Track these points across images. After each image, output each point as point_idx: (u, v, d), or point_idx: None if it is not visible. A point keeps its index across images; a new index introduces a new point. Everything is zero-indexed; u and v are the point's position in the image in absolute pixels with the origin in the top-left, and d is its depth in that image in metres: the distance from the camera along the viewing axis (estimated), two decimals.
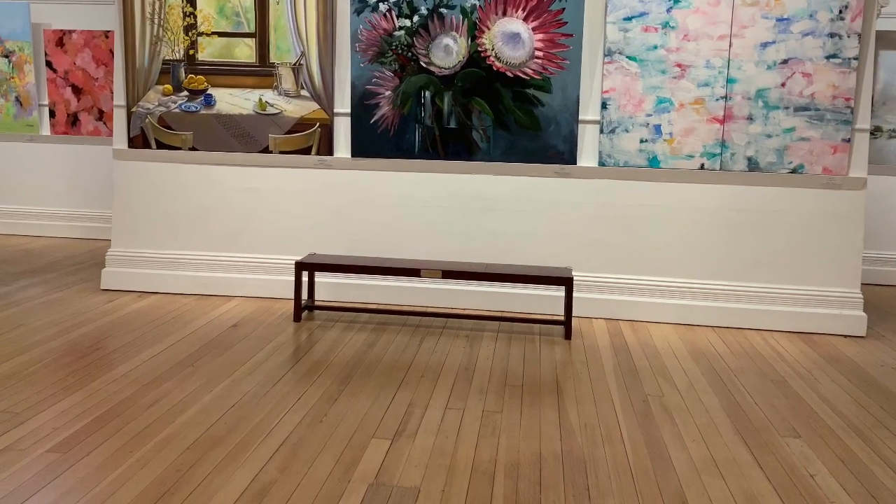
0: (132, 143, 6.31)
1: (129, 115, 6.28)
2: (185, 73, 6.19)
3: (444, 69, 5.85)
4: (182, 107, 6.21)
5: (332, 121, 6.10)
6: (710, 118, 5.67)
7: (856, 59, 5.50)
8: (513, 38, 5.75)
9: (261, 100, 6.13)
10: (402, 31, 5.85)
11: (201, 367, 4.58)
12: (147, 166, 6.32)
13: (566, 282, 5.41)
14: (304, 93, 6.09)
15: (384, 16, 5.86)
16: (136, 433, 3.63)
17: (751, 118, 5.64)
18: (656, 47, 5.66)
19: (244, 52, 6.13)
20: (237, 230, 6.28)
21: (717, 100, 5.65)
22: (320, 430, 3.73)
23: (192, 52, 6.17)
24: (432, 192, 6.06)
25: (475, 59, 5.81)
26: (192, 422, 3.78)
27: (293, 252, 6.19)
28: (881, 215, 7.40)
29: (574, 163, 5.87)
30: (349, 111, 6.04)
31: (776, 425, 3.96)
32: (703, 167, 5.74)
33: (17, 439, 3.52)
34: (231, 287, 6.26)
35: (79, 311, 5.70)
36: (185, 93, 6.21)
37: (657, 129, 5.73)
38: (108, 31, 8.39)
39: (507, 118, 5.85)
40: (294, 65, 6.08)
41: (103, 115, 8.61)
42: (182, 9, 6.11)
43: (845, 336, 5.64)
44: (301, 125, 6.12)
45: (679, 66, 5.66)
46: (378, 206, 6.13)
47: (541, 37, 5.74)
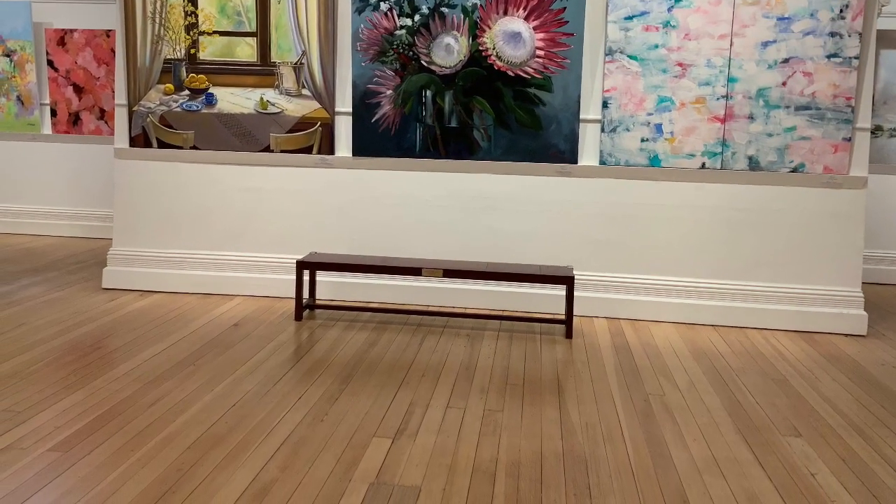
0: (133, 142, 6.31)
1: (131, 115, 6.29)
2: (187, 72, 6.20)
3: (446, 68, 5.85)
4: (183, 106, 6.22)
5: (334, 120, 6.10)
6: (710, 117, 5.67)
7: (856, 58, 5.50)
8: (514, 38, 5.75)
9: (262, 99, 6.13)
10: (403, 31, 5.86)
11: (202, 366, 4.58)
12: (148, 165, 6.32)
13: (567, 281, 5.41)
14: (305, 92, 6.09)
15: (385, 15, 5.86)
16: (138, 432, 3.63)
17: (752, 117, 5.64)
18: (657, 46, 5.66)
19: (245, 51, 6.14)
20: (238, 229, 6.28)
21: (717, 99, 5.65)
22: (321, 430, 3.73)
23: (193, 51, 6.17)
24: (433, 191, 6.06)
25: (476, 58, 5.81)
26: (194, 421, 3.79)
27: (294, 251, 6.19)
28: (882, 214, 7.40)
29: (575, 162, 5.87)
30: (350, 110, 6.04)
31: (777, 424, 3.96)
32: (703, 166, 5.74)
33: (18, 438, 3.52)
34: (232, 286, 6.27)
35: (80, 310, 5.70)
36: (187, 92, 6.21)
37: (658, 128, 5.73)
38: (110, 31, 8.39)
39: (508, 117, 5.85)
40: (295, 64, 6.08)
41: (105, 115, 8.61)
42: (183, 8, 6.12)
43: (846, 335, 5.64)
44: (302, 124, 6.13)
45: (680, 65, 5.66)
46: (379, 205, 6.13)
47: (542, 36, 5.74)
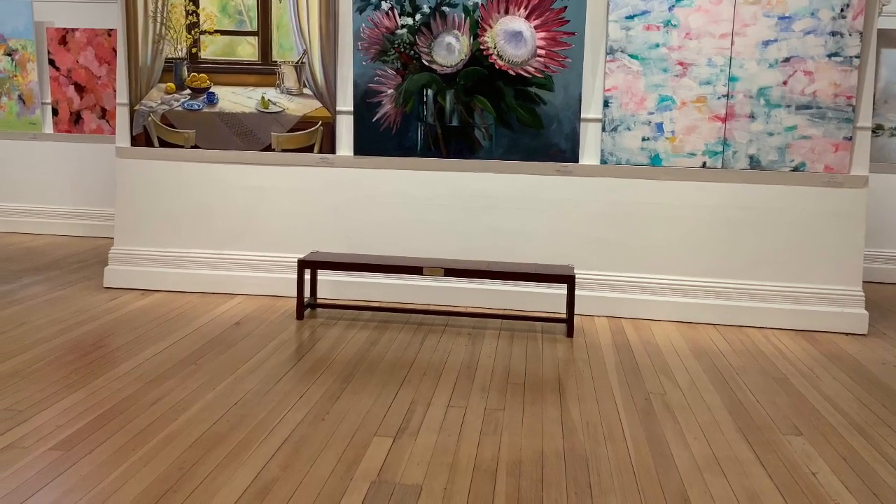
0: (135, 141, 6.32)
1: (132, 114, 6.29)
2: (188, 71, 6.20)
3: (447, 67, 5.86)
4: (184, 105, 6.22)
5: (335, 119, 6.10)
6: (711, 116, 5.67)
7: (857, 57, 5.50)
8: (515, 37, 5.75)
9: (263, 98, 6.14)
10: (404, 30, 5.86)
11: (204, 365, 4.59)
12: (150, 164, 6.33)
13: (568, 280, 5.41)
14: (306, 91, 6.10)
15: (386, 14, 5.86)
16: (139, 431, 3.64)
17: (752, 116, 5.64)
18: (658, 45, 5.66)
19: (247, 50, 6.14)
20: (240, 228, 6.29)
21: (718, 98, 5.65)
22: (323, 428, 3.73)
23: (194, 50, 6.17)
24: (434, 190, 6.07)
25: (477, 57, 5.81)
26: (195, 419, 3.79)
27: (296, 250, 6.19)
28: (882, 213, 7.40)
29: (576, 161, 5.87)
30: (351, 109, 6.05)
31: (778, 423, 3.97)
32: (704, 165, 5.74)
33: (19, 437, 3.53)
34: (233, 285, 6.27)
35: (82, 309, 5.71)
36: (188, 91, 6.21)
37: (659, 127, 5.73)
38: (111, 30, 8.40)
39: (509, 116, 5.85)
40: (296, 63, 6.08)
41: (106, 114, 8.62)
42: (185, 7, 6.12)
43: (847, 334, 5.64)
44: (303, 123, 6.13)
45: (681, 64, 5.66)
46: (380, 204, 6.14)
47: (543, 35, 5.74)
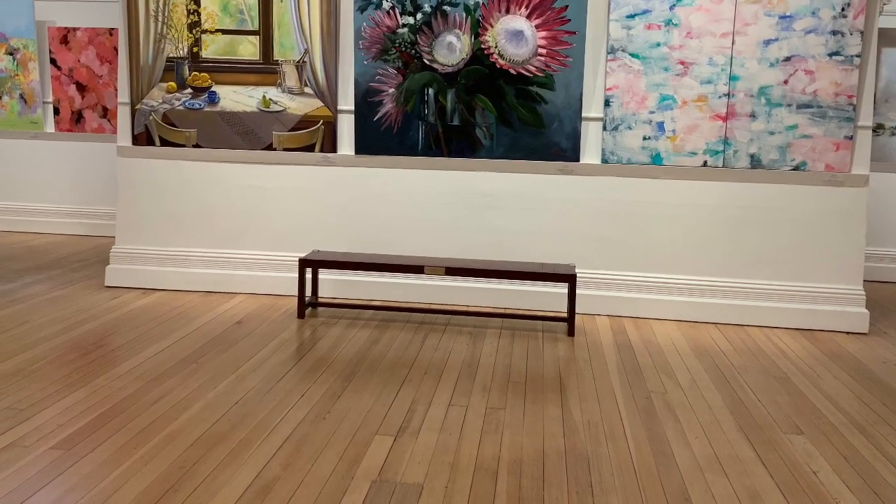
0: (136, 140, 6.32)
1: (133, 113, 6.30)
2: (189, 70, 6.20)
3: (448, 66, 5.86)
4: (186, 104, 6.22)
5: (336, 118, 6.10)
6: (712, 115, 5.67)
7: (858, 56, 5.50)
8: (516, 36, 5.75)
9: (264, 97, 6.14)
10: (405, 29, 5.86)
11: (205, 364, 4.59)
12: (151, 163, 6.33)
13: (569, 279, 5.42)
14: (307, 90, 6.10)
15: (388, 13, 5.86)
16: (140, 430, 3.64)
17: (753, 115, 5.64)
18: (659, 45, 5.66)
19: (248, 49, 6.14)
20: (241, 227, 6.29)
21: (719, 97, 5.65)
22: (324, 427, 3.74)
23: (195, 49, 6.18)
24: (436, 190, 6.07)
25: (478, 56, 5.82)
26: (196, 418, 3.80)
27: (297, 249, 6.20)
28: (883, 212, 7.40)
29: (577, 160, 5.87)
30: (353, 108, 6.05)
31: (779, 422, 3.97)
32: (705, 164, 5.74)
33: (21, 436, 3.53)
34: (235, 284, 6.28)
35: (83, 308, 5.71)
36: (189, 90, 6.22)
37: (660, 126, 5.73)
38: (113, 29, 8.40)
39: (510, 115, 5.85)
40: (298, 62, 6.08)
41: (107, 113, 8.62)
42: (186, 6, 6.12)
43: (847, 333, 5.64)
44: (305, 122, 6.13)
45: (682, 63, 5.66)
46: (381, 203, 6.14)
47: (544, 34, 5.74)
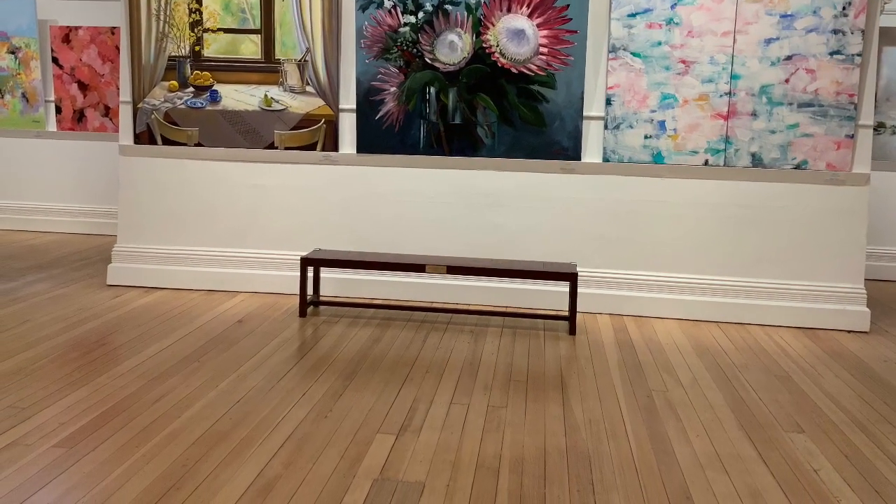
0: (138, 139, 6.33)
1: (135, 112, 6.30)
2: (191, 69, 6.21)
3: (449, 65, 5.86)
4: (188, 103, 6.23)
5: (338, 117, 6.11)
6: (714, 114, 5.68)
7: (859, 55, 5.50)
8: (517, 35, 5.76)
9: (266, 96, 6.14)
10: (407, 28, 5.86)
11: (207, 363, 4.60)
12: (153, 162, 6.34)
13: (571, 277, 5.42)
14: (309, 89, 6.10)
15: (389, 12, 5.87)
16: (142, 428, 3.65)
17: (755, 114, 5.64)
18: (660, 43, 5.67)
19: (249, 48, 6.15)
20: (242, 226, 6.30)
21: (721, 96, 5.65)
22: (325, 426, 3.74)
23: (197, 48, 6.18)
24: (437, 188, 6.07)
25: (480, 55, 5.82)
26: (198, 417, 3.80)
27: (298, 248, 6.20)
28: (884, 211, 7.40)
29: (578, 159, 5.88)
30: (354, 107, 6.05)
31: (780, 420, 3.97)
32: (707, 163, 5.74)
33: (23, 434, 3.54)
34: (236, 283, 6.28)
35: (85, 307, 5.72)
36: (191, 89, 6.22)
37: (661, 125, 5.74)
38: (114, 28, 8.41)
39: (511, 114, 5.86)
40: (299, 61, 6.09)
41: (109, 112, 8.63)
42: (188, 5, 6.13)
43: (849, 331, 5.65)
44: (306, 121, 6.14)
45: (683, 62, 5.66)
46: (383, 201, 6.14)
47: (545, 33, 5.74)
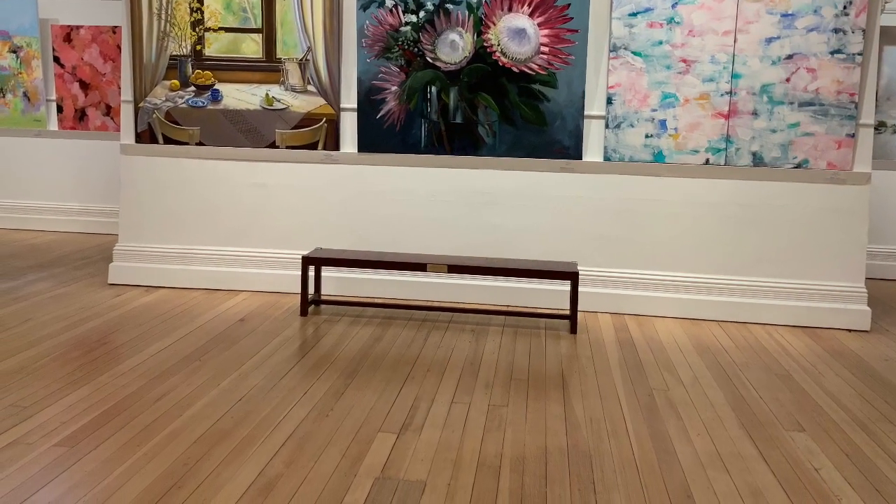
0: (139, 138, 6.33)
1: (137, 111, 6.31)
2: (192, 68, 6.21)
3: (450, 64, 5.86)
4: (189, 102, 6.24)
5: (339, 116, 6.11)
6: (714, 113, 5.68)
7: (860, 54, 5.50)
8: (518, 34, 5.76)
9: (267, 95, 6.15)
10: (408, 27, 5.86)
11: (208, 362, 4.60)
12: (154, 161, 6.34)
13: (571, 276, 5.42)
14: (310, 88, 6.11)
15: (390, 11, 5.87)
16: (144, 427, 3.66)
17: (755, 113, 5.64)
18: (661, 43, 5.67)
19: (251, 47, 6.15)
20: (244, 225, 6.30)
21: (721, 95, 5.65)
22: (327, 424, 3.75)
23: (199, 47, 6.19)
24: (438, 187, 6.08)
25: (481, 54, 5.82)
26: (200, 416, 3.81)
27: (300, 247, 6.21)
28: (885, 210, 7.40)
29: (579, 158, 5.88)
30: (356, 106, 6.05)
31: (781, 419, 3.98)
32: (707, 162, 5.74)
33: (25, 433, 3.54)
34: (238, 281, 6.29)
35: (86, 306, 5.73)
36: (192, 88, 6.23)
37: (662, 124, 5.74)
38: (116, 27, 8.41)
39: (512, 113, 5.86)
40: (301, 60, 6.09)
41: (111, 111, 8.63)
42: (189, 4, 6.13)
43: (849, 330, 5.65)
44: (307, 120, 6.14)
45: (684, 61, 5.66)
46: (384, 200, 6.15)
47: (546, 32, 5.75)
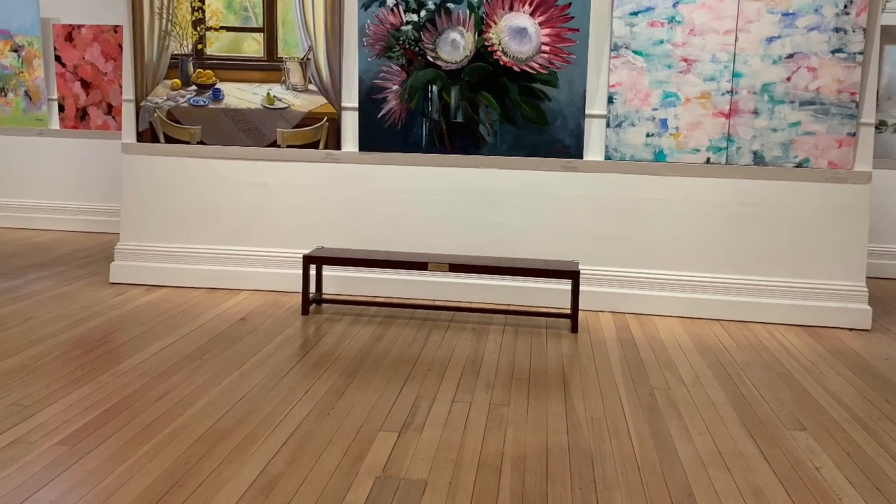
0: (141, 137, 6.34)
1: (138, 110, 6.31)
2: (194, 67, 6.21)
3: (452, 64, 5.86)
4: (190, 101, 6.24)
5: (340, 115, 6.11)
6: (715, 112, 5.68)
7: (861, 53, 5.50)
8: (519, 33, 5.76)
9: (269, 94, 6.15)
10: (409, 26, 5.87)
11: (209, 360, 4.60)
12: (155, 160, 6.35)
13: (572, 275, 5.42)
14: (311, 87, 6.11)
15: (391, 10, 5.87)
16: (145, 426, 3.66)
17: (756, 112, 5.64)
18: (662, 42, 5.67)
19: (252, 46, 6.15)
20: (245, 224, 6.30)
21: (722, 94, 5.65)
22: (328, 423, 3.75)
23: (200, 46, 6.19)
24: (439, 186, 6.08)
25: (482, 53, 5.82)
26: (201, 415, 3.81)
27: (301, 246, 6.21)
28: (886, 209, 7.40)
29: (580, 157, 5.88)
30: (357, 105, 6.06)
31: (782, 418, 3.98)
32: (708, 161, 5.74)
33: (26, 432, 3.55)
34: (239, 280, 6.29)
35: (88, 305, 5.73)
36: (194, 87, 6.23)
37: (663, 123, 5.74)
38: (117, 26, 8.41)
39: (513, 112, 5.86)
40: (302, 59, 6.09)
41: (112, 110, 8.64)
42: (190, 3, 6.13)
43: (850, 329, 5.65)
44: (309, 119, 6.14)
45: (685, 60, 5.66)
46: (385, 199, 6.15)
47: (547, 31, 5.75)
